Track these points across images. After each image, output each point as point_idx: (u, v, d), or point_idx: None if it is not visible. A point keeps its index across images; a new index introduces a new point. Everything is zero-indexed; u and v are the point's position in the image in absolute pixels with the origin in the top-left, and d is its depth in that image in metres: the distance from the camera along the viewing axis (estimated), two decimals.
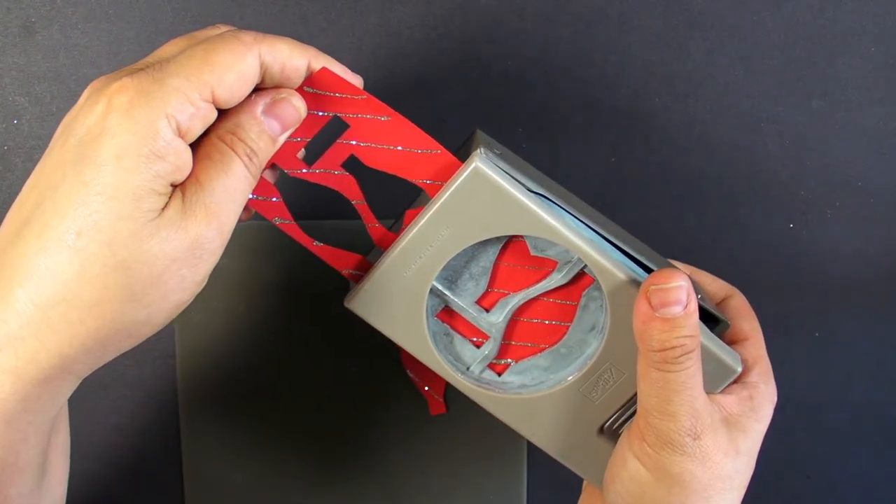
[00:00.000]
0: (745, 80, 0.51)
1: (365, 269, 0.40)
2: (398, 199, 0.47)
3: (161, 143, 0.32)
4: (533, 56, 0.51)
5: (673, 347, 0.35)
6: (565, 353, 0.40)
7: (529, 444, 0.52)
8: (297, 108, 0.37)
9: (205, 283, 0.35)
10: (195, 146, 0.35)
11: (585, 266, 0.39)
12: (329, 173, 0.40)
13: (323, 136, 0.39)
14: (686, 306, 0.35)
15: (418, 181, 0.39)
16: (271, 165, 0.40)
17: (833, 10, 0.51)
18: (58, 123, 0.52)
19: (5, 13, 0.51)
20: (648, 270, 0.38)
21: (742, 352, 0.40)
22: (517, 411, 0.40)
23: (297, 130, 0.38)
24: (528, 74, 0.51)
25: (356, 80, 0.38)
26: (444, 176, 0.38)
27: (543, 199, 0.37)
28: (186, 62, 0.33)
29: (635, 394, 0.39)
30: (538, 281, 0.40)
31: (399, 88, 0.51)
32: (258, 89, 0.36)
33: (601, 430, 0.40)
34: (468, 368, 0.40)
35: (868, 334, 0.53)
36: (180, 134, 0.33)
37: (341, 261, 0.40)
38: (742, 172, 0.52)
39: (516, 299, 0.40)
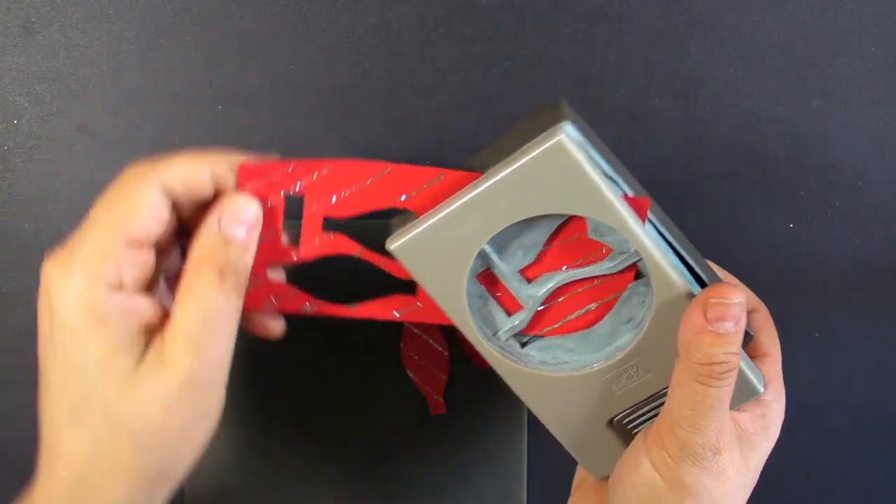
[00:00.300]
0: (745, 80, 0.51)
1: (409, 304, 0.40)
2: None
3: (99, 307, 0.34)
4: (533, 56, 0.51)
5: (720, 363, 0.35)
6: (594, 340, 0.40)
7: (529, 445, 0.52)
8: (247, 205, 0.37)
9: (218, 417, 0.36)
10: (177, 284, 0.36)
11: (640, 260, 0.38)
12: (318, 246, 0.40)
13: (293, 213, 0.39)
14: (737, 323, 0.35)
15: (392, 205, 0.38)
16: (268, 267, 0.40)
17: (833, 10, 0.51)
18: (58, 123, 0.53)
19: (5, 13, 0.51)
20: (696, 276, 0.38)
21: (760, 368, 0.40)
22: (533, 387, 0.39)
23: (264, 225, 0.38)
24: (528, 74, 0.51)
25: (272, 158, 0.38)
26: (410, 187, 0.38)
27: (616, 186, 0.37)
28: (94, 220, 0.35)
29: (654, 395, 0.39)
30: (588, 264, 0.39)
31: (399, 89, 0.51)
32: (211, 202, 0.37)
33: (610, 422, 0.40)
34: (494, 334, 0.40)
35: (868, 334, 0.53)
36: (118, 287, 0.34)
37: (386, 310, 0.41)
38: (742, 172, 0.52)
39: (560, 277, 0.39)
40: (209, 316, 0.35)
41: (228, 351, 0.36)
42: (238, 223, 0.37)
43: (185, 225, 0.38)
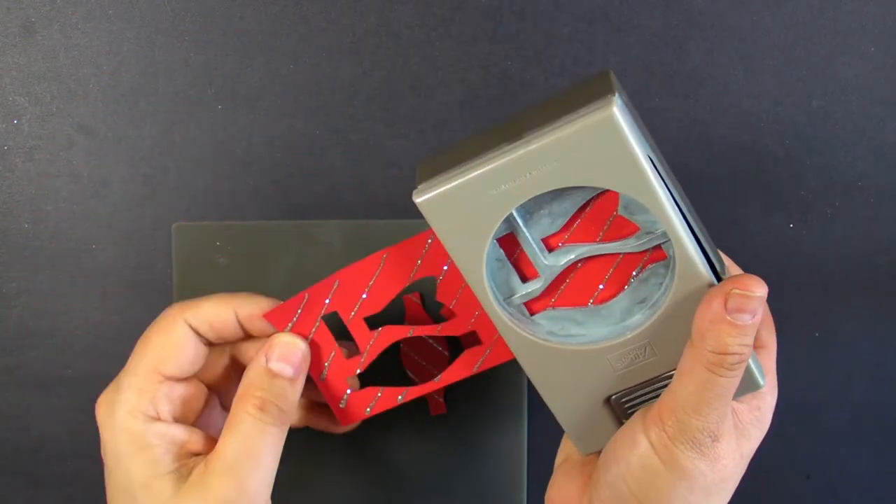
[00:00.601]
0: (745, 80, 0.51)
1: (481, 354, 0.41)
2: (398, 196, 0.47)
3: (140, 435, 0.38)
4: (533, 56, 0.51)
5: (733, 353, 0.35)
6: (605, 316, 0.39)
7: (529, 444, 0.52)
8: (293, 342, 0.41)
9: None
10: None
11: (665, 242, 0.38)
12: (375, 344, 0.42)
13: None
14: (755, 316, 0.35)
15: (410, 282, 0.40)
16: (348, 383, 0.43)
17: (833, 10, 0.51)
18: (58, 123, 0.53)
19: (5, 13, 0.51)
20: (710, 263, 0.38)
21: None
22: (536, 356, 0.39)
23: (324, 351, 0.42)
24: (527, 74, 0.51)
25: (285, 300, 0.42)
26: (413, 260, 0.40)
27: (654, 166, 0.36)
28: (132, 360, 0.40)
29: (657, 377, 0.39)
30: (612, 240, 0.38)
31: (399, 89, 0.51)
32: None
33: (607, 400, 0.40)
34: (506, 299, 0.39)
35: (868, 334, 0.53)
36: (156, 418, 0.39)
37: (466, 369, 0.42)
38: (742, 172, 0.52)
39: (582, 250, 0.38)
40: (249, 446, 0.39)
41: (268, 480, 0.39)
42: (283, 359, 0.40)
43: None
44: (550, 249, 0.39)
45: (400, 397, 0.43)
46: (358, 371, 0.42)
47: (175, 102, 0.51)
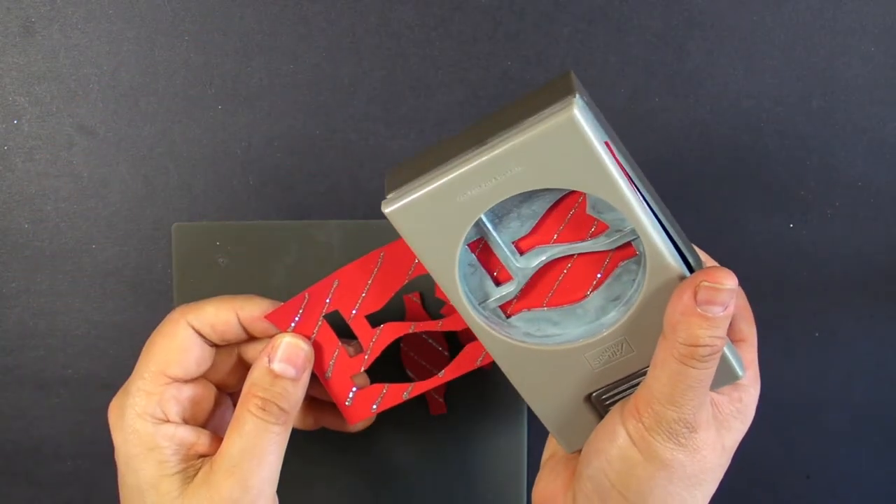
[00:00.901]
0: (745, 80, 0.52)
1: (481, 349, 0.41)
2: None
3: (148, 437, 0.40)
4: (533, 56, 0.51)
5: (704, 345, 0.35)
6: (580, 315, 0.40)
7: (529, 444, 0.52)
8: (295, 342, 0.41)
9: None
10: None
11: (635, 239, 0.38)
12: (378, 341, 0.42)
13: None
14: (727, 308, 0.36)
15: (407, 280, 0.41)
16: (353, 381, 0.43)
17: (833, 10, 0.51)
18: (58, 123, 0.53)
19: (5, 13, 0.51)
20: (683, 257, 0.38)
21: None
22: (515, 358, 0.39)
23: (326, 351, 0.42)
24: (527, 74, 0.51)
25: (286, 301, 0.42)
26: (409, 259, 0.40)
27: (618, 164, 0.36)
28: (140, 363, 0.41)
29: (636, 373, 0.39)
30: (583, 239, 0.39)
31: (399, 88, 0.51)
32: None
33: (588, 397, 0.40)
34: (481, 303, 0.40)
35: (868, 334, 0.53)
36: (165, 420, 0.40)
37: (467, 364, 0.42)
38: (742, 172, 0.52)
39: (554, 251, 0.39)
40: (252, 445, 0.39)
41: (272, 478, 0.40)
42: (286, 360, 0.41)
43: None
44: (522, 252, 0.39)
45: (405, 393, 0.43)
46: (363, 369, 0.43)
47: (175, 102, 0.51)
